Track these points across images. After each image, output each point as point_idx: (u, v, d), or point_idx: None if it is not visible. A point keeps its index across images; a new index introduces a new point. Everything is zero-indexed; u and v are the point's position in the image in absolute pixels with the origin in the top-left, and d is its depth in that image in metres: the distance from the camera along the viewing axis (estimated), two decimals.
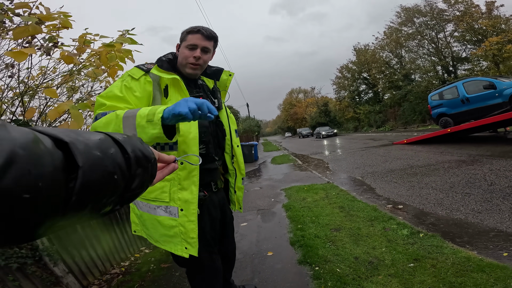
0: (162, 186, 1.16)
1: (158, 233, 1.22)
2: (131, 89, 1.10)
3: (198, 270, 1.33)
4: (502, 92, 7.13)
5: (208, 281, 1.34)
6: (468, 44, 21.59)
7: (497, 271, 1.70)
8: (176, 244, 1.18)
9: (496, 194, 3.26)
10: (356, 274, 1.88)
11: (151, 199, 1.19)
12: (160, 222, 1.19)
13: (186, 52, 1.24)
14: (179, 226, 1.16)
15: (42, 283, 1.83)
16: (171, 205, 1.16)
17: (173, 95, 1.17)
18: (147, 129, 0.89)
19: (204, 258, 1.27)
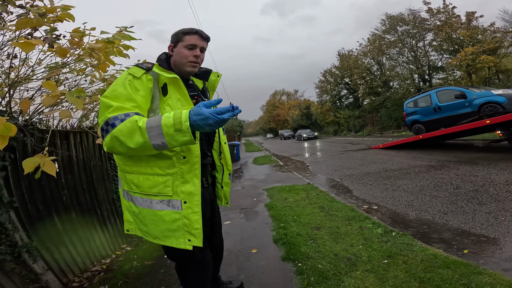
0: (165, 180, 1.18)
1: (158, 228, 1.22)
2: (136, 88, 1.14)
3: (190, 264, 1.37)
4: (472, 102, 7.58)
5: (199, 275, 1.39)
6: (445, 54, 22.42)
7: (461, 268, 1.87)
8: (178, 237, 1.20)
9: (461, 197, 3.57)
10: (337, 270, 2.00)
11: (153, 194, 1.20)
12: (161, 217, 1.20)
13: (185, 52, 1.30)
14: (182, 219, 1.19)
15: (21, 280, 1.76)
16: (174, 198, 1.19)
17: (172, 93, 1.23)
18: (176, 137, 1.02)
19: (196, 252, 1.30)
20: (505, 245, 2.27)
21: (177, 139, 1.02)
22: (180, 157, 1.19)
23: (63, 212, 2.12)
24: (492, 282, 1.67)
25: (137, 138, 1.02)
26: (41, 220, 1.92)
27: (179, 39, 1.31)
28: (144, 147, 1.05)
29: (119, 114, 1.06)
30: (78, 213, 2.29)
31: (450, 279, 1.76)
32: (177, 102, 1.23)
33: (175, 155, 1.19)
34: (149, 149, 1.07)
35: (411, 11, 23.15)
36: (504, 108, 6.80)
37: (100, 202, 2.60)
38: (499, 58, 17.65)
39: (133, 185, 1.22)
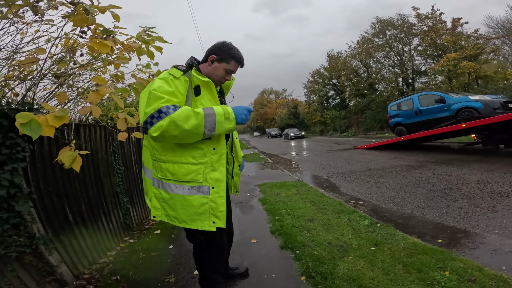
0: (197, 168, 1.37)
1: (187, 212, 1.38)
2: (177, 86, 1.34)
3: (208, 247, 1.55)
4: (450, 106, 8.08)
5: (217, 257, 1.58)
6: (429, 59, 23.14)
7: (437, 254, 2.14)
8: (203, 220, 1.38)
9: (437, 194, 3.93)
10: (331, 256, 2.24)
11: (186, 181, 1.37)
12: (191, 201, 1.37)
13: (223, 73, 1.51)
14: (209, 203, 1.38)
15: (38, 273, 1.81)
16: (203, 184, 1.37)
17: (205, 94, 1.44)
18: (224, 124, 1.34)
19: (216, 235, 1.49)
20: (474, 236, 2.59)
21: (224, 125, 1.33)
22: (211, 149, 1.40)
23: (73, 204, 2.21)
24: (464, 266, 1.93)
25: (192, 122, 1.24)
26: (55, 212, 2.01)
27: (224, 59, 1.49)
28: (193, 132, 1.27)
29: (170, 105, 1.27)
30: (87, 205, 2.38)
31: (428, 263, 2.02)
32: (208, 102, 1.43)
33: (207, 146, 1.39)
34: (197, 135, 1.30)
35: (401, 16, 23.73)
36: (479, 113, 7.25)
37: (106, 195, 2.69)
38: (480, 64, 18.26)
39: (168, 173, 1.39)
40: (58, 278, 1.95)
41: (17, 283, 1.68)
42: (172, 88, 1.32)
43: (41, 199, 1.87)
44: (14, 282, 1.66)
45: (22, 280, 1.71)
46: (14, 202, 1.56)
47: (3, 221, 1.54)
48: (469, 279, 1.77)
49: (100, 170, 2.62)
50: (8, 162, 1.54)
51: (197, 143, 1.37)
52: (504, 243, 2.38)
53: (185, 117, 1.24)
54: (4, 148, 1.52)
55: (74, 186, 2.23)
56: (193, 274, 2.15)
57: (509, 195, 3.63)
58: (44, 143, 1.92)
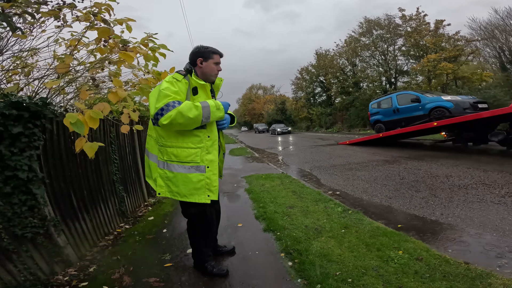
0: (196, 152, 1.74)
1: (187, 188, 1.74)
2: (179, 87, 1.70)
3: (201, 220, 1.92)
4: (424, 105, 8.64)
5: (206, 229, 1.95)
6: (411, 59, 24.00)
7: (395, 236, 2.51)
8: (200, 194, 1.75)
9: (404, 186, 4.41)
10: (307, 236, 2.59)
11: (187, 162, 1.74)
12: (191, 178, 1.73)
13: (214, 67, 1.88)
14: (205, 179, 1.75)
15: (48, 253, 2.02)
16: (200, 164, 1.75)
17: (201, 94, 1.81)
18: (216, 113, 1.72)
19: (207, 209, 1.87)
20: (429, 223, 3.02)
21: (216, 114, 1.72)
22: (206, 136, 1.78)
23: (77, 190, 2.44)
24: (415, 247, 2.27)
25: (193, 112, 1.62)
26: (62, 196, 2.23)
27: (209, 56, 1.86)
28: (195, 119, 1.63)
29: (176, 100, 1.63)
30: (88, 192, 2.60)
31: (387, 244, 2.37)
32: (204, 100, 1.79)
33: (203, 134, 1.76)
34: (197, 122, 1.66)
35: (388, 16, 24.34)
36: (450, 112, 7.82)
37: (104, 183, 2.91)
38: (458, 65, 19.00)
39: (173, 155, 1.74)
40: (64, 259, 2.16)
41: (30, 263, 1.88)
42: (176, 88, 1.67)
43: (51, 184, 2.09)
44: (28, 262, 1.86)
45: (34, 260, 1.92)
46: (31, 186, 1.79)
47: (22, 203, 1.77)
48: (417, 257, 2.07)
49: (99, 159, 2.83)
50: (26, 149, 1.76)
51: (195, 131, 1.73)
52: (454, 230, 2.77)
53: (188, 109, 1.61)
54: (24, 137, 1.74)
55: (77, 173, 2.45)
56: (186, 253, 2.44)
57: (467, 187, 4.13)
58: (54, 134, 2.13)
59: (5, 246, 1.70)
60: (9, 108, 1.65)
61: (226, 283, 1.93)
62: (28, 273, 1.82)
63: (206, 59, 1.85)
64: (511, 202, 3.32)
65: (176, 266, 2.22)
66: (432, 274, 1.85)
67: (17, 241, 1.80)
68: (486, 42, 19.68)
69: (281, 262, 2.18)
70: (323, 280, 1.85)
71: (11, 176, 1.70)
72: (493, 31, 19.47)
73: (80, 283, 2.00)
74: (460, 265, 1.95)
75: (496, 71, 19.06)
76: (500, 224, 2.75)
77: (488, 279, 1.75)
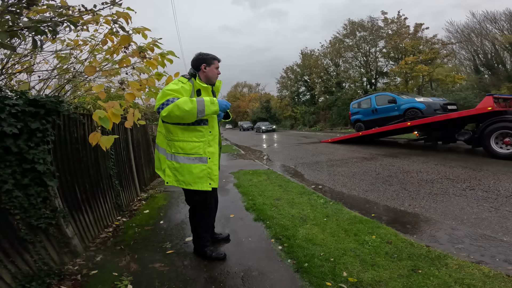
0: (199, 145, 2.00)
1: (191, 177, 2.00)
2: (183, 88, 1.96)
3: (202, 206, 2.19)
4: (400, 106, 9.23)
5: (206, 215, 2.28)
6: (391, 61, 24.67)
7: (369, 224, 2.86)
8: (203, 182, 2.01)
9: (379, 180, 4.85)
10: (294, 224, 2.90)
11: (192, 153, 2.00)
12: (194, 168, 2.00)
13: (216, 71, 2.16)
14: (207, 169, 2.02)
15: (58, 244, 2.15)
16: (203, 156, 2.01)
17: (204, 95, 2.07)
18: (211, 107, 1.92)
19: (207, 197, 2.16)
20: (398, 212, 3.43)
21: (211, 108, 1.92)
22: (208, 131, 2.05)
23: (80, 183, 2.58)
24: (386, 232, 2.62)
25: (189, 105, 1.84)
26: (68, 189, 2.37)
27: (210, 62, 2.13)
28: (191, 112, 1.84)
29: (175, 97, 1.88)
30: (89, 185, 2.74)
31: (362, 230, 2.72)
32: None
33: (205, 130, 2.02)
34: (193, 114, 1.85)
35: (371, 19, 24.99)
36: (422, 113, 8.40)
37: (102, 176, 3.05)
38: (433, 67, 19.75)
39: (179, 148, 2.00)
40: (72, 249, 2.30)
41: (43, 253, 2.01)
42: (178, 89, 1.92)
43: (59, 177, 2.23)
44: (41, 252, 1.99)
45: (47, 250, 2.05)
46: (45, 178, 1.94)
47: (37, 194, 1.92)
48: (387, 241, 2.42)
49: (98, 154, 2.97)
50: (41, 144, 1.91)
51: (198, 127, 2.00)
52: (419, 218, 3.17)
53: (184, 102, 1.84)
54: (39, 132, 1.89)
55: (80, 166, 2.59)
56: (185, 241, 2.67)
57: (433, 181, 4.62)
58: (61, 129, 2.27)
59: (22, 236, 1.83)
60: (27, 105, 1.80)
61: (225, 265, 2.19)
62: (42, 263, 1.95)
63: (209, 64, 2.11)
64: (471, 195, 3.78)
65: (177, 253, 2.44)
66: (400, 255, 2.18)
67: (32, 231, 1.93)
68: (462, 45, 20.90)
69: (272, 246, 2.48)
70: (309, 260, 2.15)
71: (28, 168, 1.84)
72: (470, 34, 20.62)
73: (90, 272, 2.15)
74: (422, 248, 2.28)
75: (470, 73, 20.36)
76: (459, 214, 3.16)
77: (445, 260, 2.05)
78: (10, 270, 1.68)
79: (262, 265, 2.15)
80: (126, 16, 1.88)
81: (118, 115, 1.80)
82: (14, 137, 1.75)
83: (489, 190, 3.91)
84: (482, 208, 3.27)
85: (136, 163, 4.43)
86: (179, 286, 1.92)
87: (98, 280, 2.03)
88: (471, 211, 3.23)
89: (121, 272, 2.13)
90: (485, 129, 6.16)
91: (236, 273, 2.04)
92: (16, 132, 1.71)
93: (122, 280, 1.98)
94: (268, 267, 2.09)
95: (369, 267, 2.01)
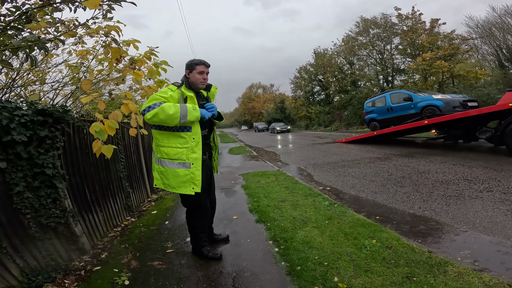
0: (182, 151, 2.07)
1: (176, 181, 2.08)
2: (171, 95, 2.05)
3: (196, 207, 2.26)
4: (416, 104, 8.89)
5: (202, 215, 2.31)
6: (408, 58, 23.96)
7: (371, 227, 2.78)
8: (187, 186, 2.08)
9: (390, 182, 4.71)
10: (294, 226, 2.90)
11: (175, 159, 2.08)
12: (178, 173, 2.07)
13: (198, 76, 2.18)
14: (190, 174, 2.08)
15: (67, 242, 2.32)
16: (186, 161, 2.08)
17: (190, 102, 2.11)
18: (193, 112, 2.01)
19: (201, 198, 2.22)
20: (406, 215, 3.32)
21: (193, 113, 2.01)
22: (191, 138, 2.09)
23: (90, 185, 2.75)
24: (387, 237, 2.54)
25: (172, 109, 1.93)
26: (78, 190, 2.54)
27: (193, 68, 2.18)
28: (174, 116, 1.92)
29: (161, 101, 1.97)
30: (99, 187, 2.92)
31: (363, 233, 2.64)
32: None
33: (189, 136, 2.07)
34: (176, 118, 1.94)
35: (384, 15, 24.37)
36: (441, 111, 8.06)
37: (112, 179, 3.23)
38: (454, 63, 19.01)
39: (164, 154, 2.09)
40: (80, 247, 2.45)
41: (52, 249, 2.17)
42: (167, 95, 2.02)
43: (69, 180, 2.40)
44: (50, 249, 2.15)
45: (55, 247, 2.21)
46: (55, 181, 2.10)
47: (47, 195, 2.08)
48: (387, 246, 2.33)
49: (108, 158, 3.14)
50: (50, 150, 2.08)
51: (182, 133, 2.06)
52: (428, 222, 3.04)
53: (169, 107, 1.93)
54: (48, 139, 2.06)
55: (90, 170, 2.76)
56: (186, 241, 2.76)
57: (449, 183, 4.42)
58: (71, 136, 2.44)
59: (32, 234, 2.00)
60: (36, 114, 1.96)
61: (220, 265, 2.25)
62: (50, 259, 2.11)
63: (191, 70, 2.17)
64: (487, 197, 3.57)
65: (176, 252, 2.54)
66: (397, 261, 2.09)
67: (42, 229, 2.10)
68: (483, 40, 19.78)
69: (268, 248, 2.50)
70: (302, 263, 2.15)
71: (39, 172, 2.01)
72: (491, 29, 19.56)
73: (94, 267, 2.31)
74: (423, 253, 2.17)
75: (494, 69, 19.20)
76: (472, 218, 3.00)
77: (445, 267, 1.95)
78: (18, 265, 1.84)
79: (256, 266, 2.18)
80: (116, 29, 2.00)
81: (114, 128, 1.94)
82: (24, 144, 1.92)
83: (508, 192, 3.68)
84: (498, 212, 3.09)
85: (147, 166, 4.62)
86: (172, 283, 2.00)
87: (100, 275, 2.16)
88: (485, 214, 3.07)
89: (122, 268, 2.26)
90: (507, 127, 5.80)
91: (229, 273, 2.09)
92: (25, 140, 1.87)
93: (120, 276, 2.11)
94: (261, 269, 2.12)
95: (363, 272, 1.97)
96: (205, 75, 2.21)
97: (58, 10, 1.72)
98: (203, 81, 2.21)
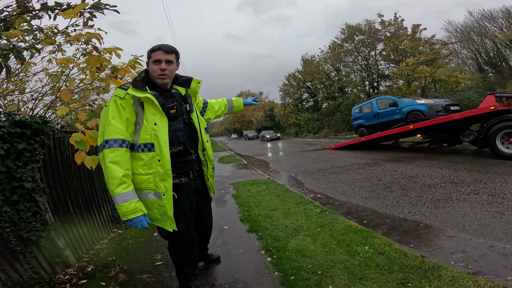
0: (147, 178, 1.54)
1: (153, 213, 1.59)
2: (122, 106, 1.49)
3: (178, 242, 1.76)
4: (401, 109, 9.13)
5: (187, 251, 1.80)
6: (391, 63, 24.52)
7: (364, 233, 2.77)
8: (165, 221, 1.60)
9: (380, 187, 4.76)
10: (286, 235, 2.85)
11: (142, 188, 1.55)
12: (152, 204, 1.57)
13: (153, 67, 1.59)
14: (164, 207, 1.57)
15: (49, 254, 2.20)
16: (157, 190, 1.55)
17: (147, 109, 1.53)
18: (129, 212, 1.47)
19: (184, 231, 1.70)
20: (397, 220, 3.33)
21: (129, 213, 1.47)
22: (155, 160, 1.53)
23: (73, 198, 2.63)
24: (380, 242, 2.52)
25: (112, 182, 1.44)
26: (60, 203, 2.42)
27: (149, 56, 1.61)
28: (108, 184, 1.46)
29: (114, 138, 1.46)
30: (83, 199, 2.80)
31: (355, 240, 2.62)
32: (152, 116, 1.53)
33: (152, 158, 1.53)
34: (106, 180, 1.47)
35: (368, 22, 25.10)
36: (425, 115, 8.27)
37: (97, 191, 3.11)
38: (435, 68, 19.44)
39: (134, 182, 1.54)
40: (64, 260, 2.35)
41: (34, 263, 2.07)
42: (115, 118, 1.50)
43: (50, 193, 2.29)
44: (32, 262, 2.05)
45: (38, 261, 2.11)
46: (34, 194, 1.99)
47: (27, 209, 1.97)
48: (380, 252, 2.30)
49: (92, 170, 3.02)
50: (29, 163, 1.97)
51: (141, 154, 1.54)
52: (418, 226, 3.05)
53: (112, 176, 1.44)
54: (27, 152, 1.96)
55: (73, 183, 2.65)
56: None
57: (436, 186, 4.51)
58: (51, 148, 2.34)
59: (13, 247, 1.90)
60: (13, 126, 1.87)
61: (212, 277, 2.17)
62: (33, 272, 2.02)
63: (148, 59, 1.63)
64: (475, 199, 3.64)
65: (166, 264, 2.44)
66: (391, 267, 2.08)
67: (23, 243, 2.00)
68: (462, 44, 20.63)
69: (261, 258, 2.44)
70: (296, 272, 2.10)
71: (17, 186, 1.90)
72: (469, 33, 20.44)
73: (79, 281, 2.19)
74: (416, 258, 2.17)
75: (474, 73, 20.00)
76: (461, 220, 3.04)
77: (439, 271, 1.94)
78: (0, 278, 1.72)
79: (249, 277, 2.11)
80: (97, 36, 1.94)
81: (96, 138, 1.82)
82: (1, 157, 1.81)
83: (494, 194, 3.78)
84: (486, 214, 3.15)
85: None
86: None
87: None
88: (474, 217, 3.12)
89: (109, 282, 2.15)
90: (489, 130, 6.01)
91: (221, 285, 2.02)
92: (2, 153, 1.76)
93: None
94: (254, 280, 2.06)
95: (357, 280, 1.94)
96: (162, 65, 1.58)
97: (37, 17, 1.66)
98: (161, 73, 1.58)
